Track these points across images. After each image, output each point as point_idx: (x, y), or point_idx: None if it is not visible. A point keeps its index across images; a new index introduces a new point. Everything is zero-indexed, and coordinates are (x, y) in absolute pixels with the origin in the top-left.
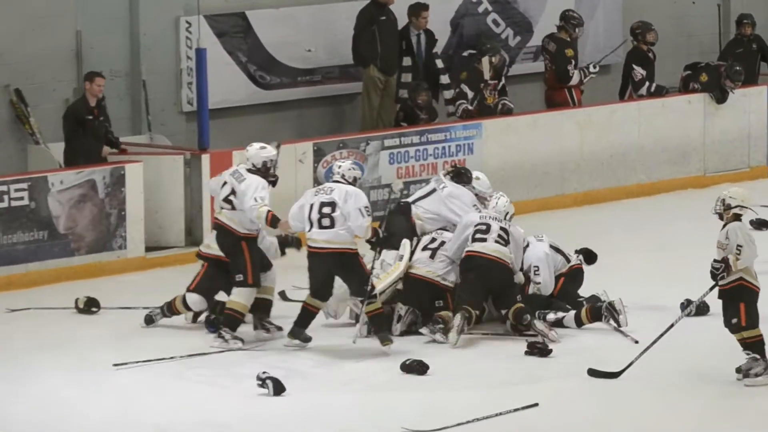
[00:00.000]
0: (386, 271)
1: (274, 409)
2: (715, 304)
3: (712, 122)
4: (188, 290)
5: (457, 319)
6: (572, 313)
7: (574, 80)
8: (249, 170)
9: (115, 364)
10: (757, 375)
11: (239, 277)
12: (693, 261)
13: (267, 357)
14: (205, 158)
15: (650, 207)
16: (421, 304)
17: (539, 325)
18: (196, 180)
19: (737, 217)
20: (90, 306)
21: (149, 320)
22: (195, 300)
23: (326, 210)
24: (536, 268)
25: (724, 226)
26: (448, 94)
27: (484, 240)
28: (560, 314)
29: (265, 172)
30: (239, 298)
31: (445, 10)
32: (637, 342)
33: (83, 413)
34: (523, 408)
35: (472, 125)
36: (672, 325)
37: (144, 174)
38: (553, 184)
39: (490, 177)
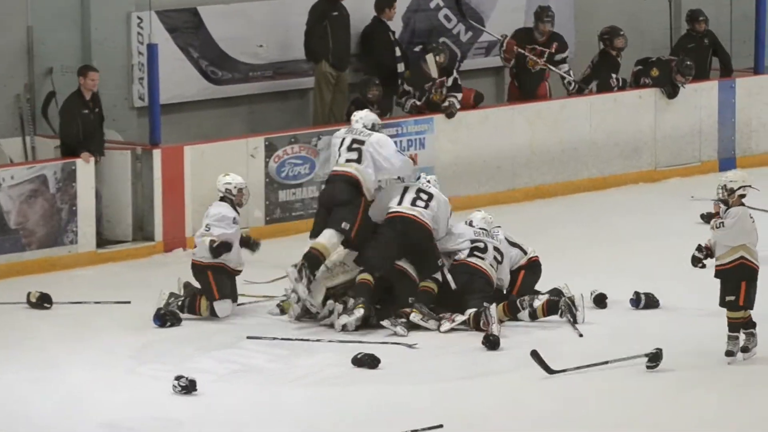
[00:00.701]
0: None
1: (227, 404)
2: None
3: (663, 117)
4: (216, 299)
5: (493, 310)
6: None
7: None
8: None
9: (249, 337)
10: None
11: (345, 225)
12: (644, 254)
13: (220, 352)
14: (157, 153)
15: (602, 201)
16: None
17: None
18: (148, 175)
19: (741, 199)
20: (42, 301)
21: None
22: (226, 307)
23: (423, 196)
24: None
25: (728, 209)
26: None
27: (482, 259)
28: (542, 297)
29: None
30: (328, 241)
31: (397, 5)
32: (581, 336)
33: (36, 408)
34: (427, 429)
35: (423, 120)
36: (624, 359)
37: (95, 169)
38: (505, 179)
39: (441, 172)
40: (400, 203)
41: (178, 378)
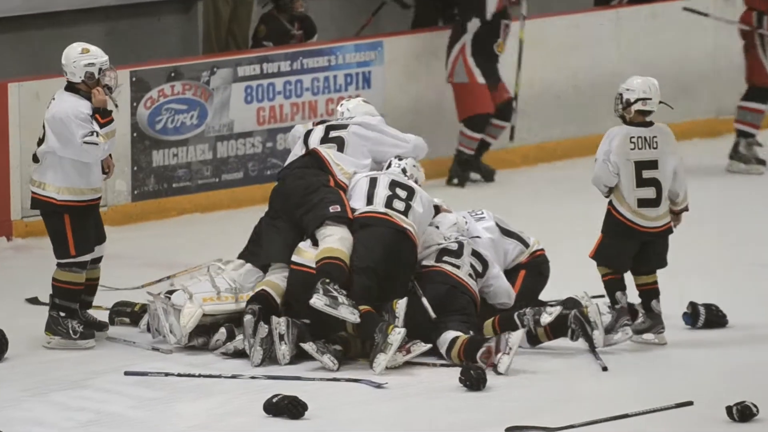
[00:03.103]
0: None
1: None
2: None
3: (725, 39)
4: (71, 255)
5: (516, 337)
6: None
7: None
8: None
9: (126, 373)
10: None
11: (335, 208)
12: (699, 246)
13: (63, 394)
14: None
15: None
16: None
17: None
18: None
19: (644, 116)
20: None
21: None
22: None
23: (401, 193)
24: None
25: None
26: None
27: (457, 267)
28: (552, 310)
29: None
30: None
31: None
32: (605, 369)
33: None
34: None
35: (367, 45)
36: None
37: None
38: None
39: (395, 120)
40: (369, 202)
41: None
